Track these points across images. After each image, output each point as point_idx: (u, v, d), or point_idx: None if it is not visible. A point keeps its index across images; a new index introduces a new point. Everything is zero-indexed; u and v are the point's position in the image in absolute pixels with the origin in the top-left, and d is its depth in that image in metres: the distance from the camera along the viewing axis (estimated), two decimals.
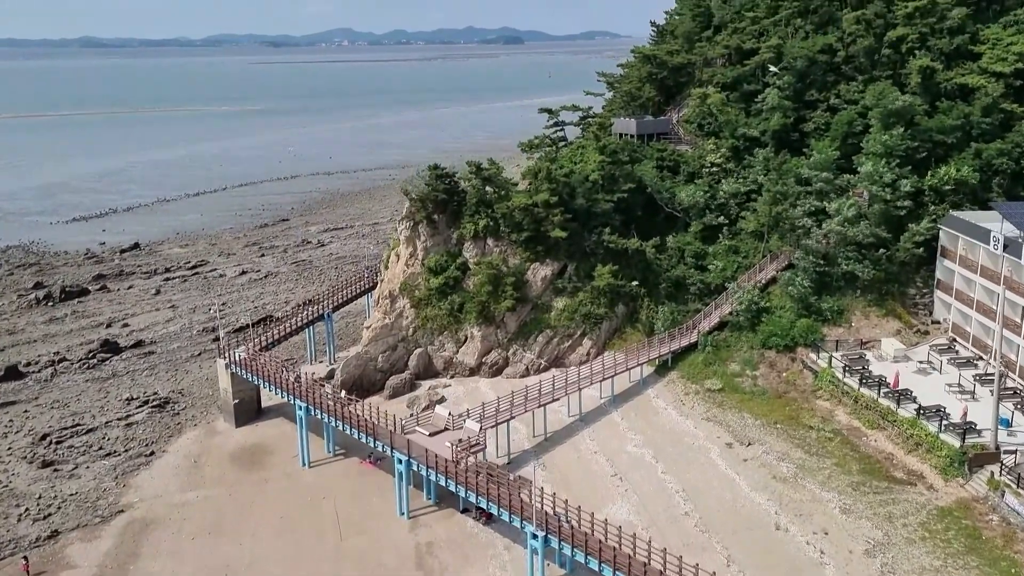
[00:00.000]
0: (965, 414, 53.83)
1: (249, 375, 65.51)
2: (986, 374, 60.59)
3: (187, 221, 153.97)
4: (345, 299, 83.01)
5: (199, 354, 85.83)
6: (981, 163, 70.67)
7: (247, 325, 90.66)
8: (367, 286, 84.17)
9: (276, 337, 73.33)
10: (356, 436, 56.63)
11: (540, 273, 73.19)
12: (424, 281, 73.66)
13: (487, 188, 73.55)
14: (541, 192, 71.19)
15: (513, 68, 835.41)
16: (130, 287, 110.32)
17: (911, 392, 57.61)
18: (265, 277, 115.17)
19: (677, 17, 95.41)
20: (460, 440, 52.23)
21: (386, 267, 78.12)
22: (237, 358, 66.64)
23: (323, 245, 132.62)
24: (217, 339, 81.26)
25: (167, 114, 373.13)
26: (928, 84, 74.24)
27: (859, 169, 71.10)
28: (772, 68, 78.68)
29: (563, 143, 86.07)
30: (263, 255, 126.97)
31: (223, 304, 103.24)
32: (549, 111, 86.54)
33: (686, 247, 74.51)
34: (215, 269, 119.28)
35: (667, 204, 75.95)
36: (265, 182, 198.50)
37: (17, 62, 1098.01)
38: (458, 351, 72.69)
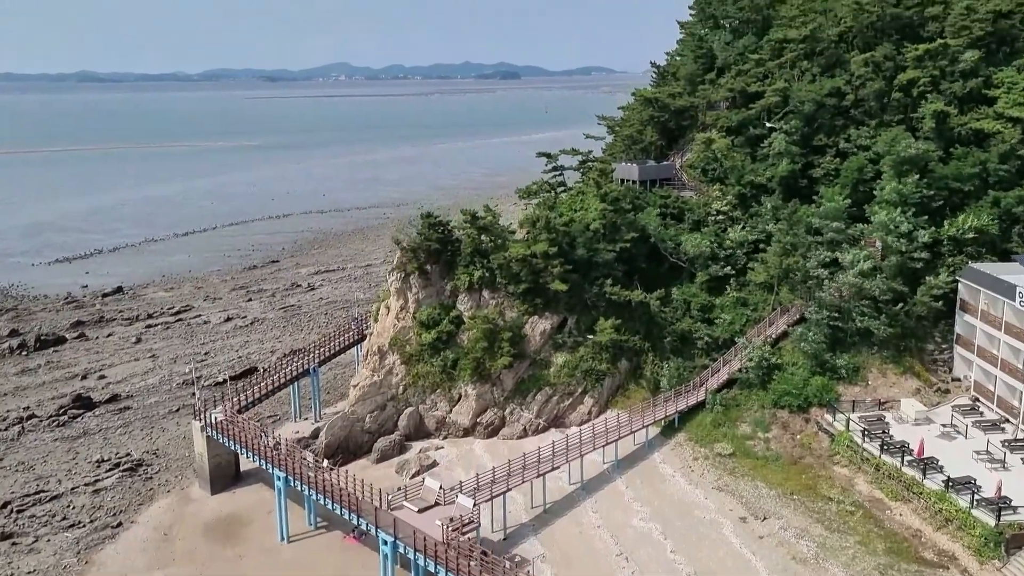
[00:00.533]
0: (1000, 488, 49.65)
1: (225, 439, 61.16)
2: (1016, 440, 56.59)
3: (174, 262, 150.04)
4: (332, 352, 78.79)
5: (177, 409, 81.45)
6: (1000, 212, 67.30)
7: (228, 379, 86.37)
8: (355, 338, 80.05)
9: (257, 396, 69.03)
10: (338, 512, 52.23)
11: (539, 327, 69.27)
12: (416, 336, 69.65)
13: (483, 237, 69.85)
14: (540, 242, 67.53)
15: (510, 103, 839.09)
16: (109, 335, 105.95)
17: (937, 461, 53.48)
18: (251, 324, 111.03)
19: (679, 58, 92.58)
20: (452, 519, 47.85)
21: (375, 320, 74.11)
22: (213, 420, 62.32)
23: (313, 289, 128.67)
24: (195, 395, 76.95)
25: (163, 150, 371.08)
26: (942, 129, 71.16)
27: (872, 218, 67.68)
28: (768, 124, 75.78)
29: (562, 188, 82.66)
30: (250, 299, 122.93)
31: (205, 354, 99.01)
32: (547, 155, 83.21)
33: (692, 299, 70.74)
34: (200, 315, 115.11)
35: (671, 254, 72.32)
36: (257, 221, 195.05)
37: (14, 96, 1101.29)
38: (451, 410, 68.47)
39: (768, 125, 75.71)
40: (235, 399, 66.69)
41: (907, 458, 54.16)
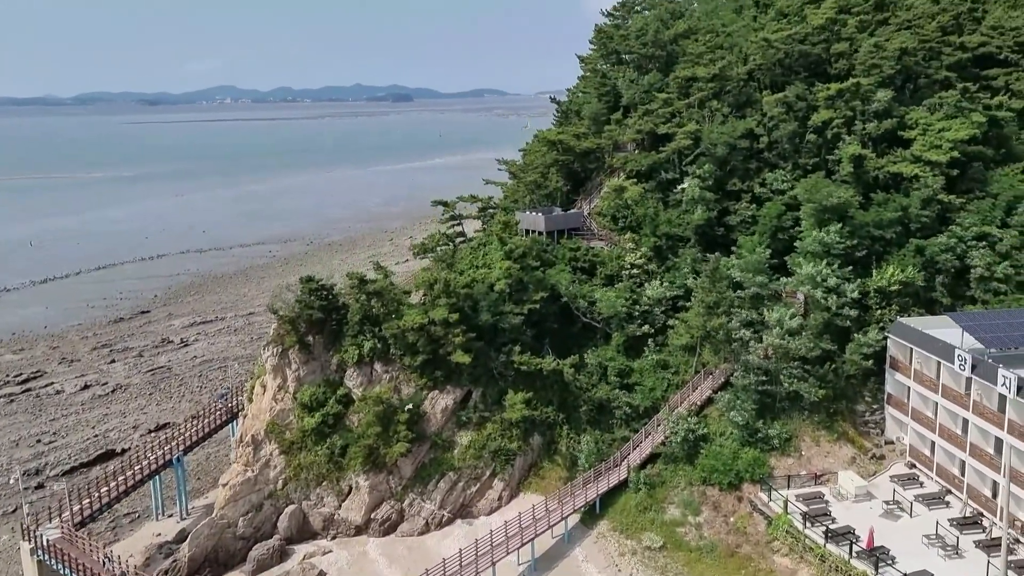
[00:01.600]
0: None
1: (61, 566, 50.16)
2: (965, 518, 52.14)
3: (28, 316, 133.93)
4: (199, 437, 68.16)
5: (13, 511, 68.91)
6: (924, 261, 63.79)
7: (78, 466, 74.45)
8: (224, 418, 69.73)
9: (105, 500, 57.98)
10: None
11: (440, 403, 61.08)
12: (297, 420, 60.27)
13: (373, 303, 61.28)
14: (438, 307, 59.49)
15: (402, 127, 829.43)
16: None
17: (888, 551, 48.24)
18: (112, 392, 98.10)
19: (581, 95, 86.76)
20: None
21: (249, 399, 64.28)
22: (45, 542, 51.16)
23: (186, 345, 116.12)
24: (22, 507, 64.97)
25: (23, 182, 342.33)
26: (859, 173, 67.50)
27: (795, 270, 62.98)
28: (683, 169, 70.84)
29: (461, 239, 75.01)
30: (113, 361, 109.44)
31: (54, 433, 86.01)
32: (444, 203, 75.60)
33: (609, 363, 64.11)
34: (52, 382, 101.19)
35: (585, 313, 65.64)
36: (127, 263, 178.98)
37: None
38: (340, 506, 59.28)
39: (684, 173, 70.31)
40: (76, 507, 55.58)
41: (855, 548, 48.71)
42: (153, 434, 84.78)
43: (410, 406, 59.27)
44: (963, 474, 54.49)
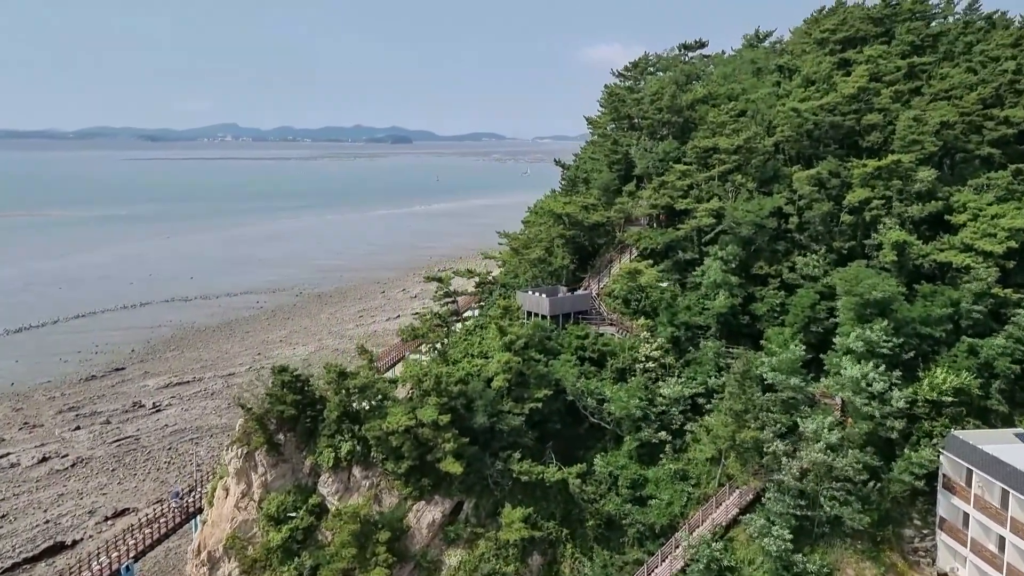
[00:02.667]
0: None
1: None
2: None
3: None
4: (151, 542, 60.04)
5: None
6: (978, 363, 56.60)
7: (20, 562, 66.05)
8: (179, 519, 61.66)
9: None
10: None
11: (426, 517, 53.23)
12: (262, 533, 52.31)
13: (354, 399, 53.75)
14: (428, 407, 51.93)
15: (400, 169, 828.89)
16: None
17: None
18: (72, 466, 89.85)
19: (590, 160, 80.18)
20: None
21: (209, 503, 56.30)
22: None
23: (158, 410, 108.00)
24: None
25: (10, 220, 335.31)
26: (903, 261, 60.68)
27: (833, 371, 55.73)
28: (706, 251, 63.87)
29: (455, 318, 67.75)
30: (78, 428, 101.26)
31: (2, 516, 77.57)
32: (438, 279, 68.46)
33: (620, 472, 56.40)
34: (9, 453, 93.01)
35: (593, 413, 58.07)
36: (108, 312, 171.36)
37: None
38: None
39: (704, 253, 63.39)
40: None
41: None
42: (109, 522, 76.54)
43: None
44: None
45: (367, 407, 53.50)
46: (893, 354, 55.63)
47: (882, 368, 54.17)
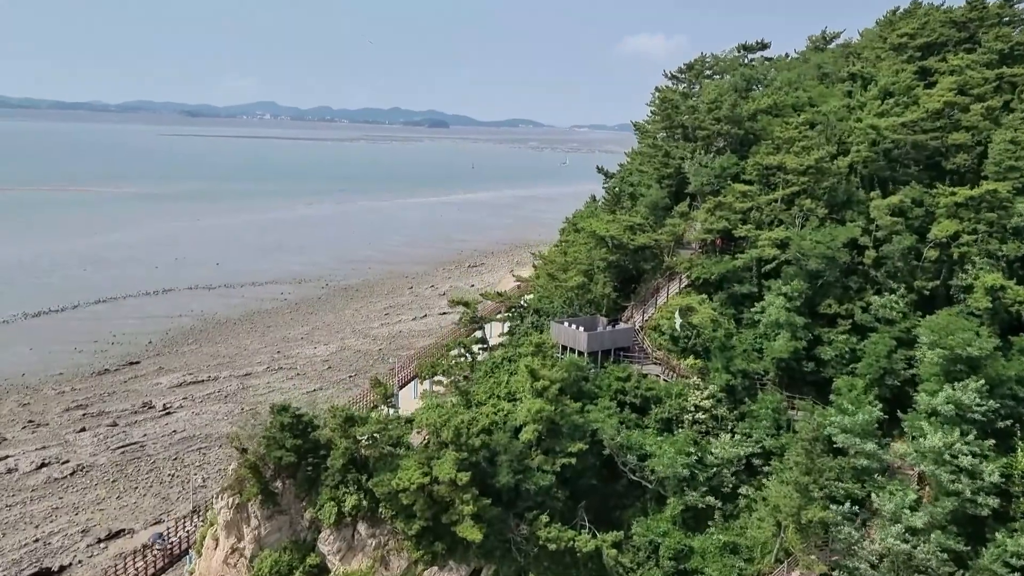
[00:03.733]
0: None
1: None
2: None
3: (7, 360, 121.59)
4: None
5: None
6: None
7: None
8: (161, 564, 55.72)
9: None
10: None
11: None
12: None
13: (362, 447, 47.30)
14: (445, 462, 45.33)
15: (436, 155, 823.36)
16: None
17: None
18: (72, 475, 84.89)
19: (638, 173, 72.64)
20: None
21: (198, 552, 50.30)
22: None
23: (168, 413, 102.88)
24: None
25: (47, 194, 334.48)
26: (996, 307, 52.76)
27: (915, 434, 48.19)
28: (766, 286, 55.82)
29: (482, 347, 60.95)
30: (83, 429, 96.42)
31: None
32: (465, 304, 61.57)
33: (661, 540, 49.40)
34: (7, 456, 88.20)
35: (633, 470, 51.07)
36: (130, 297, 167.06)
37: None
38: None
39: (764, 287, 55.86)
40: None
41: None
42: (102, 544, 71.32)
43: None
44: None
45: (377, 454, 46.97)
46: (986, 419, 47.96)
47: (971, 436, 46.52)
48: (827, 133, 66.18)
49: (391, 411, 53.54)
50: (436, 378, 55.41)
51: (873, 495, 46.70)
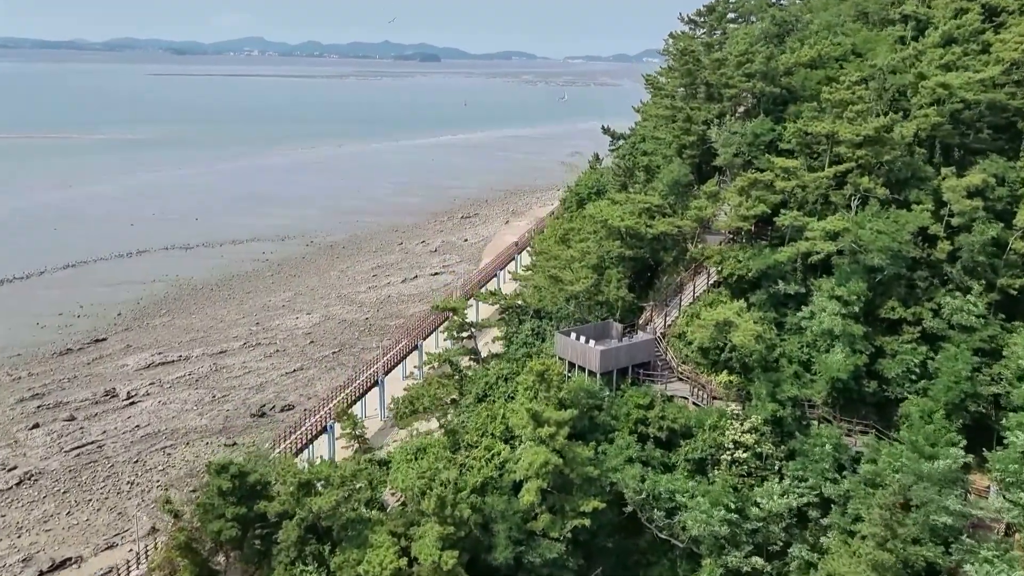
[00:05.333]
0: None
1: None
2: None
3: None
4: None
5: None
6: None
7: None
8: None
9: None
10: None
11: None
12: None
13: (322, 516, 37.81)
14: (426, 539, 35.91)
15: (427, 92, 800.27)
16: None
17: None
18: (19, 484, 75.93)
19: (653, 141, 61.61)
20: None
21: None
22: None
23: (132, 403, 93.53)
24: None
25: (21, 142, 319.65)
26: None
27: (1007, 476, 38.88)
28: (813, 288, 45.68)
29: (473, 357, 51.05)
30: (36, 425, 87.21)
31: None
32: (452, 309, 51.48)
33: None
34: None
35: (662, 528, 41.78)
36: (102, 261, 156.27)
37: None
38: None
39: (811, 285, 45.80)
40: None
41: None
42: None
43: None
44: None
45: (342, 521, 37.53)
46: None
47: None
48: (880, 91, 55.21)
49: (363, 453, 44.00)
50: (415, 427, 45.75)
51: (964, 564, 37.56)
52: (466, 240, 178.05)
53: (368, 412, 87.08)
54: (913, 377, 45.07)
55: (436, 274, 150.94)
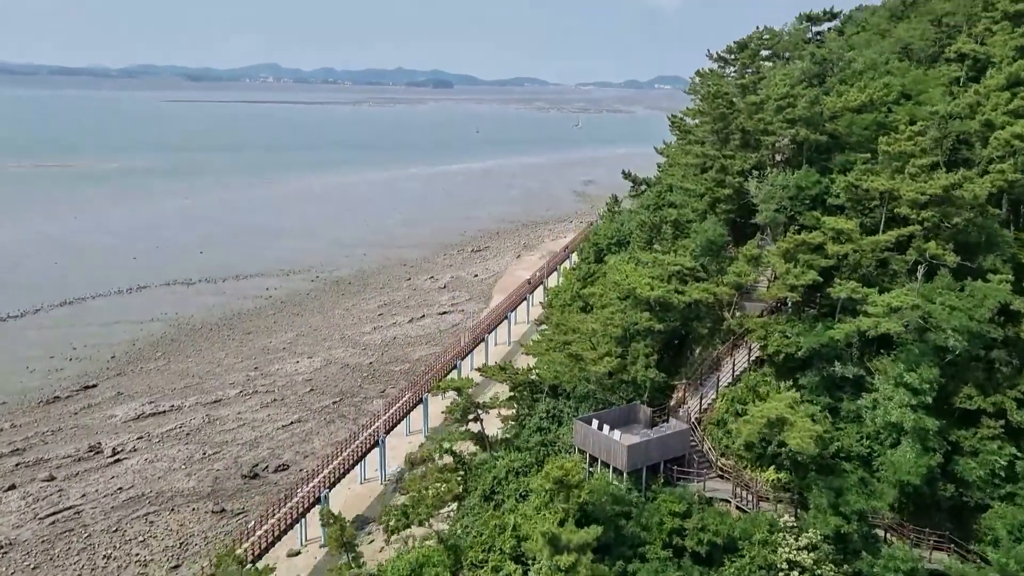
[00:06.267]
0: None
1: None
2: None
3: None
4: None
5: None
6: None
7: None
8: None
9: None
10: None
11: None
12: None
13: None
14: None
15: (440, 117, 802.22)
16: None
17: None
18: None
19: (681, 193, 55.36)
20: None
21: None
22: None
23: (117, 460, 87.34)
24: None
25: (33, 171, 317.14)
26: None
27: None
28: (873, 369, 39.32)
29: (478, 443, 44.57)
30: (12, 486, 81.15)
31: None
32: (457, 390, 45.16)
33: None
34: None
35: None
36: (100, 297, 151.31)
37: None
38: None
39: (870, 368, 39.26)
40: None
41: None
42: None
43: None
44: None
45: None
46: None
47: None
48: (939, 140, 48.92)
49: (354, 566, 37.51)
50: (407, 532, 39.29)
51: None
52: (476, 275, 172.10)
53: (368, 474, 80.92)
54: (997, 481, 38.48)
55: (444, 313, 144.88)
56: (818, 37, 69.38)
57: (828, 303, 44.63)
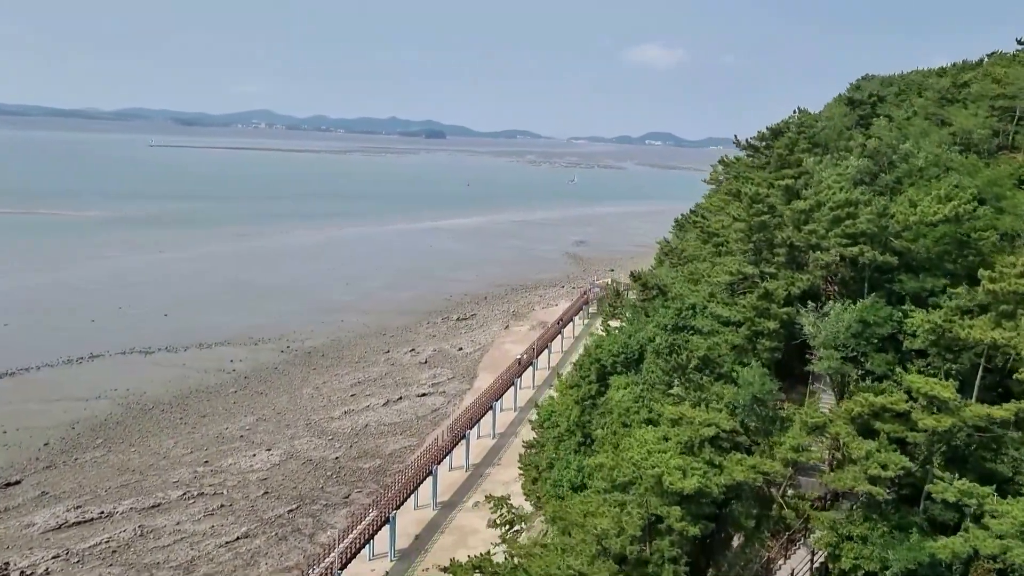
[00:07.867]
0: None
1: None
2: None
3: None
4: None
5: None
6: None
7: None
8: None
9: None
10: None
11: None
12: None
13: None
14: None
15: (431, 168, 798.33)
16: None
17: None
18: None
19: (712, 320, 43.81)
20: None
21: None
22: None
23: None
24: None
25: (14, 219, 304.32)
26: None
27: None
28: None
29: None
30: None
31: None
32: (498, 500, 33.02)
33: None
34: None
35: None
36: (46, 367, 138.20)
37: None
38: None
39: None
40: None
41: None
42: None
43: None
44: None
45: None
46: None
47: None
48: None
49: None
50: None
51: None
52: (460, 349, 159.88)
53: None
54: None
55: (424, 395, 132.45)
56: (861, 122, 59.00)
57: (918, 488, 33.10)
